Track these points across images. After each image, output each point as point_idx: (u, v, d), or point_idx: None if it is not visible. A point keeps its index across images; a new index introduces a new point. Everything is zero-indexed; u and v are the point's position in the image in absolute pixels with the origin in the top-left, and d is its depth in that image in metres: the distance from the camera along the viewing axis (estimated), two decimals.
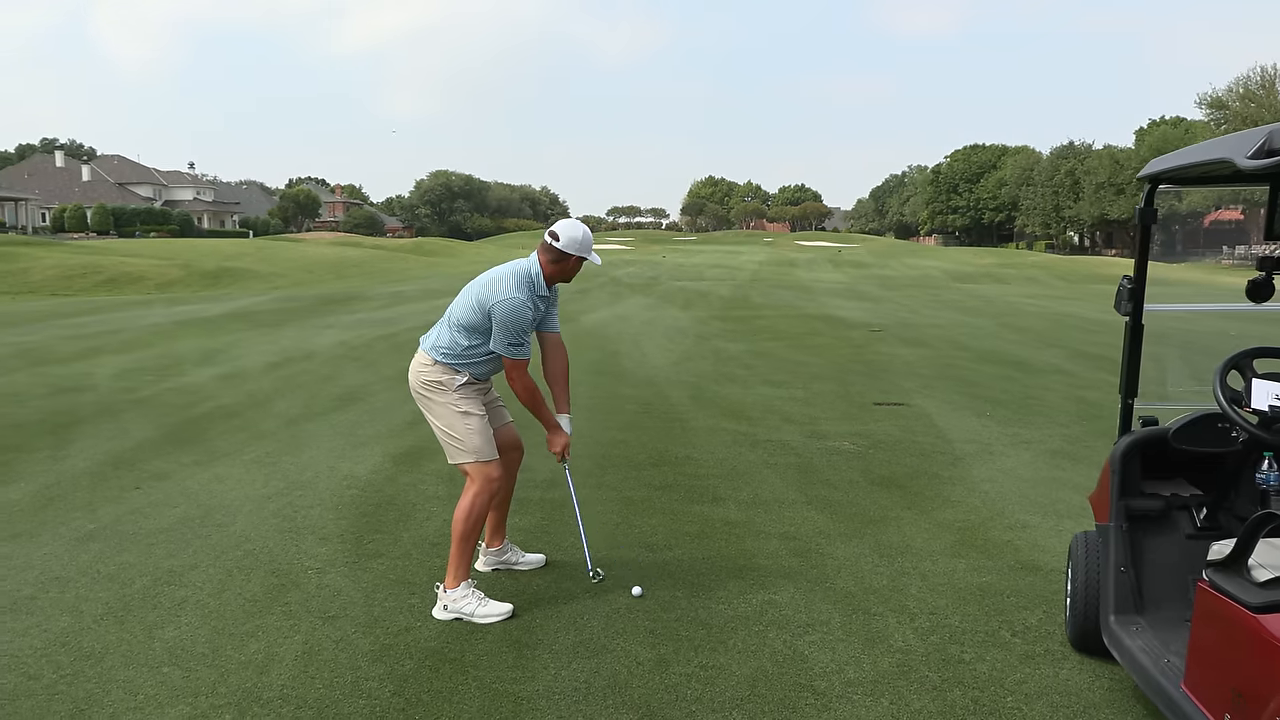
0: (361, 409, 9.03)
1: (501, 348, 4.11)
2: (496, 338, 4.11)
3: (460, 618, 4.07)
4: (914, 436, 7.80)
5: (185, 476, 6.45)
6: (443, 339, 4.24)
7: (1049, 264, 52.73)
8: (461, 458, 4.18)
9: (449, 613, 4.08)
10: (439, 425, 4.23)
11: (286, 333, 16.32)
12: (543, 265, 4.19)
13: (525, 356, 4.18)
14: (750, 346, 14.46)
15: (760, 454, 7.16)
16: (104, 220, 68.18)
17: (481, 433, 4.18)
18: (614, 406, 9.17)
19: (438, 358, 4.22)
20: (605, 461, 6.88)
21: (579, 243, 4.17)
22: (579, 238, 4.17)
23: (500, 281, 4.13)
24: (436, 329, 4.33)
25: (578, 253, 4.18)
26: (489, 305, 4.08)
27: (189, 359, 12.75)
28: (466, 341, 4.18)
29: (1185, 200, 62.05)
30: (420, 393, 4.27)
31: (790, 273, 44.11)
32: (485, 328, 4.13)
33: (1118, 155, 74.98)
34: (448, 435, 4.20)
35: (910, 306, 23.27)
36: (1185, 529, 3.49)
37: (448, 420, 4.18)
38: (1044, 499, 5.97)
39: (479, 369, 4.24)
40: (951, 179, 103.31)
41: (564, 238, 4.15)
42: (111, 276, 34.47)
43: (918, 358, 13.05)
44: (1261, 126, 2.54)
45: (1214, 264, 54.62)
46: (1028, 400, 9.64)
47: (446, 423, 4.19)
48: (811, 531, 5.28)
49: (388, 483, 6.29)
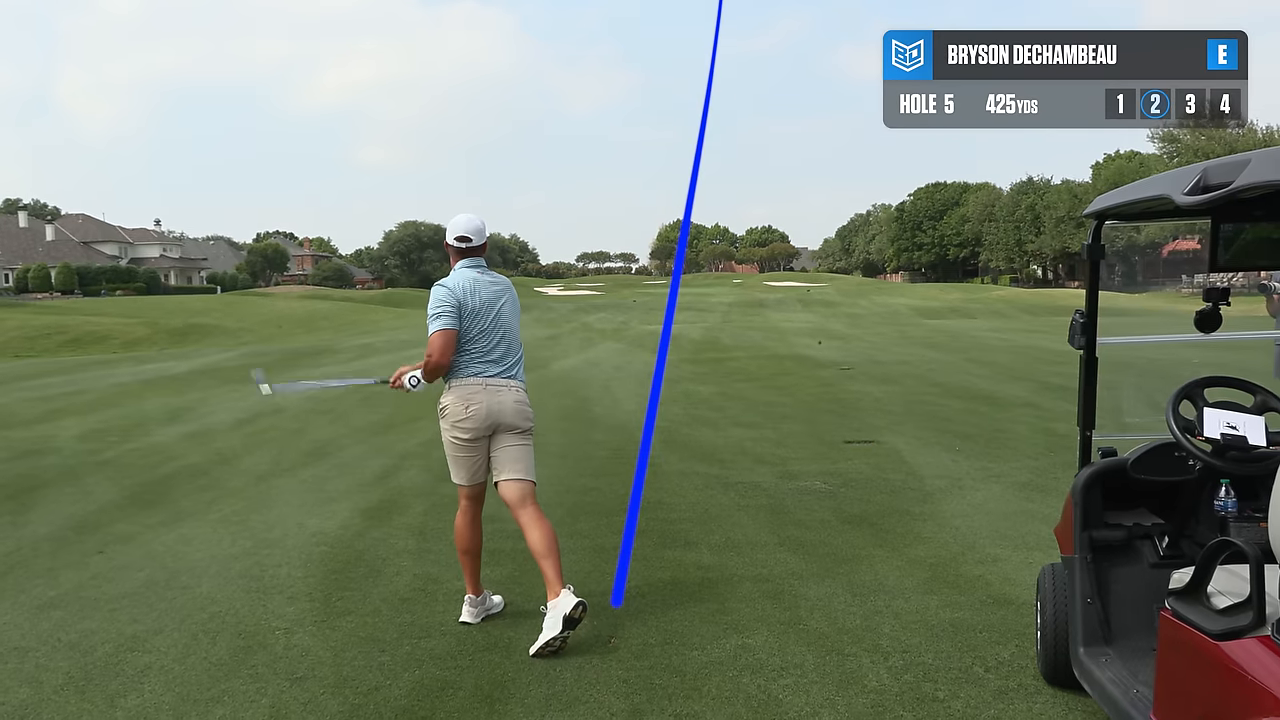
0: (331, 463, 8.95)
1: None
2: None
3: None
4: (884, 474, 7.83)
5: (150, 539, 6.34)
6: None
7: (1013, 298, 53.52)
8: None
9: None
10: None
11: (254, 388, 16.13)
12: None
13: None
14: (721, 389, 14.51)
15: (732, 496, 7.16)
16: (68, 279, 67.58)
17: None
18: (585, 453, 9.15)
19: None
20: (577, 509, 6.85)
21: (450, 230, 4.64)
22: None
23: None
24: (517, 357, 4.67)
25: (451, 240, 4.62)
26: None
27: (155, 418, 12.58)
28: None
29: (1144, 232, 63.32)
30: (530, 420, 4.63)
31: (760, 313, 44.44)
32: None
33: (1076, 189, 76.60)
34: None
35: (879, 344, 23.49)
36: (1149, 558, 3.52)
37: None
38: (1014, 532, 6.01)
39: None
40: (915, 217, 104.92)
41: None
42: (76, 336, 34.08)
43: (887, 395, 13.14)
44: (1197, 164, 2.62)
45: (1174, 292, 55.70)
46: (996, 434, 9.73)
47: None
48: (784, 573, 5.27)
49: (357, 538, 6.22)
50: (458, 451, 4.51)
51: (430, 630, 4.53)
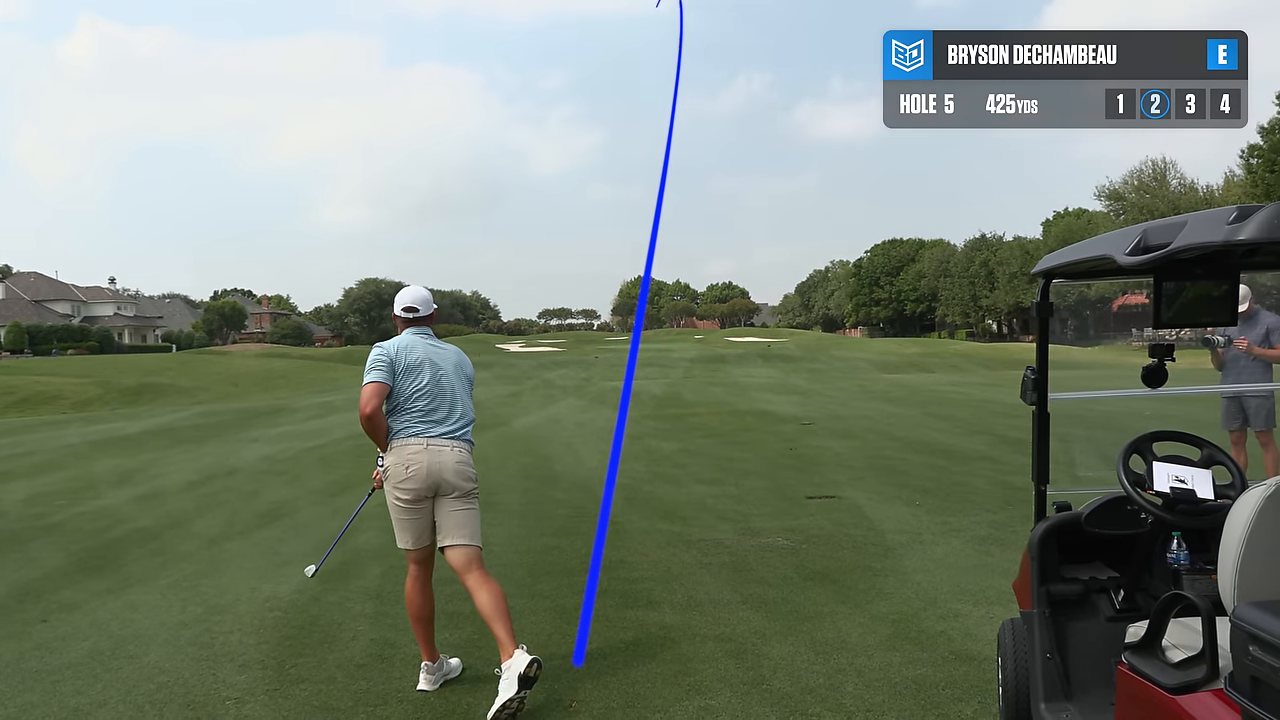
0: (286, 525, 8.78)
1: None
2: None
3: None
4: (846, 529, 7.85)
5: (96, 606, 6.15)
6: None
7: (970, 352, 54.35)
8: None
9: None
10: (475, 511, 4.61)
11: (209, 449, 15.88)
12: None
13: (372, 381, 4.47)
14: (683, 445, 14.50)
15: (694, 554, 7.12)
16: (18, 339, 66.33)
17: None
18: (546, 512, 9.07)
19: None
20: (538, 569, 6.76)
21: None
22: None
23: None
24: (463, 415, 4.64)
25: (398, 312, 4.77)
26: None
27: (105, 480, 12.28)
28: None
29: (1094, 287, 64.97)
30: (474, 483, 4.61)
31: (721, 369, 44.64)
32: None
33: (1027, 245, 78.55)
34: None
35: (839, 398, 23.67)
36: (1105, 611, 3.55)
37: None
38: (975, 586, 6.03)
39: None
40: (873, 273, 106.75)
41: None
42: (25, 396, 33.32)
43: (848, 449, 13.22)
44: (1137, 225, 2.70)
45: (1125, 345, 56.96)
46: (955, 488, 9.80)
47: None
48: (747, 631, 5.24)
49: (312, 603, 6.09)
50: (401, 514, 4.48)
51: (387, 698, 4.42)
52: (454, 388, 4.58)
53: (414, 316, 4.73)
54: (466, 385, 4.67)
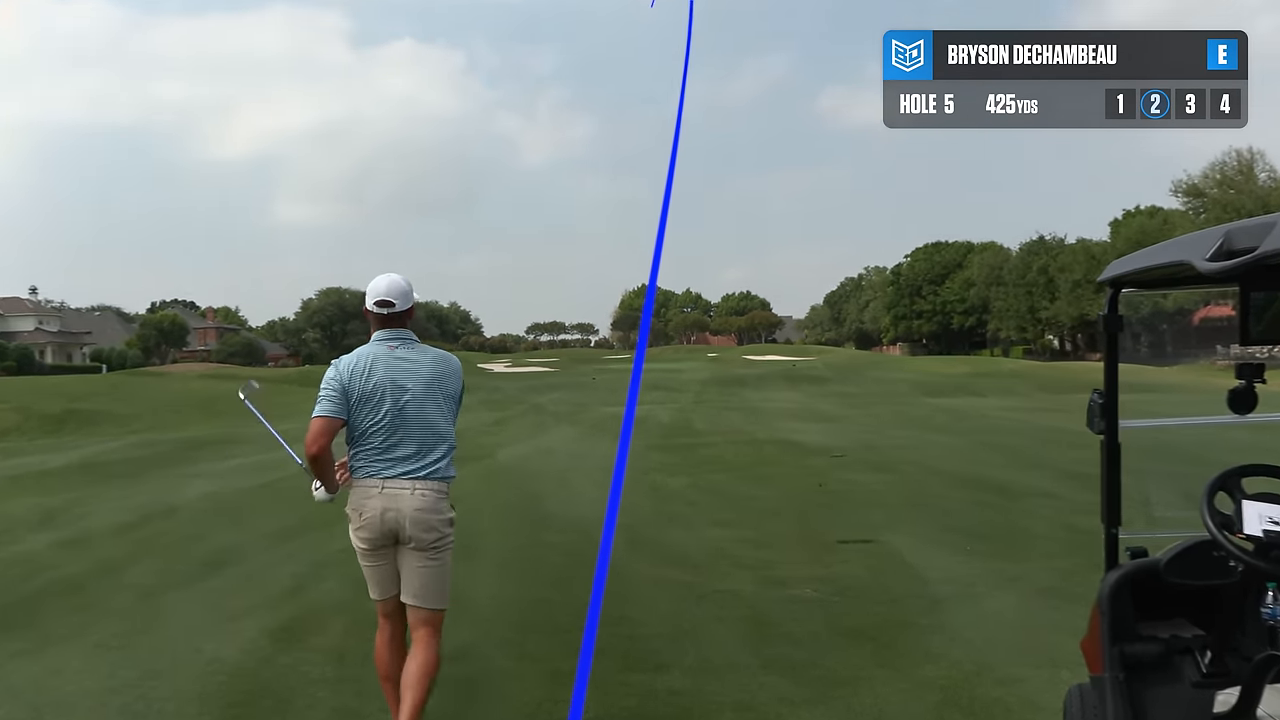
0: (233, 574, 8.77)
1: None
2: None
3: None
4: (884, 579, 7.83)
5: (10, 670, 6.14)
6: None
7: (1027, 372, 54.36)
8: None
9: None
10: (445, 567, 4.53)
11: (144, 485, 15.89)
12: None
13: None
14: (694, 480, 14.50)
15: (708, 608, 7.11)
16: None
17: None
18: (536, 558, 9.06)
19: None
20: (527, 626, 6.74)
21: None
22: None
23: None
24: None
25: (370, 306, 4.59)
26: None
27: (22, 522, 12.28)
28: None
29: (1170, 296, 65.04)
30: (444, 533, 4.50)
31: (738, 392, 44.67)
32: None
33: (1093, 249, 78.67)
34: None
35: (875, 426, 23.67)
36: (1190, 676, 3.51)
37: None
38: (1037, 646, 6.00)
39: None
40: (914, 281, 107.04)
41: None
42: None
43: (885, 485, 13.21)
44: (1220, 225, 2.70)
45: (1207, 365, 56.86)
46: (1011, 530, 9.78)
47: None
48: (770, 699, 5.22)
49: (263, 665, 6.07)
50: (363, 560, 4.52)
51: None
52: (423, 414, 4.38)
53: (389, 313, 4.52)
54: (445, 406, 4.48)
